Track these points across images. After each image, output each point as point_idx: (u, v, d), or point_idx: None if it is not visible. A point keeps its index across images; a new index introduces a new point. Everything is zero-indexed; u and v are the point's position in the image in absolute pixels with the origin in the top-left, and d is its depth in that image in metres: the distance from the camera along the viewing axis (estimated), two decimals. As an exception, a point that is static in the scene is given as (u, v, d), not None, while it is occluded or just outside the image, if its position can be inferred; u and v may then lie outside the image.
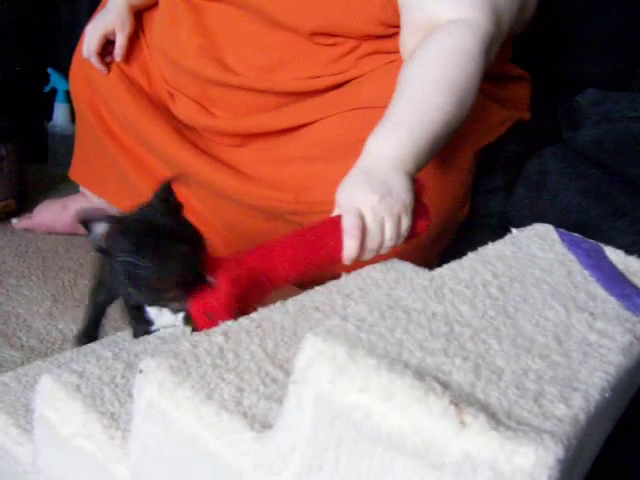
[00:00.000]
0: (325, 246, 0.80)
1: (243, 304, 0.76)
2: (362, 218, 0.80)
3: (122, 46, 1.32)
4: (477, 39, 0.94)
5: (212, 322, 0.73)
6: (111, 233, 0.75)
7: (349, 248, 0.79)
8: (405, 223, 0.83)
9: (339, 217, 0.80)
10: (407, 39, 1.02)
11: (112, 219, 0.75)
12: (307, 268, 0.80)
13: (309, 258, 0.80)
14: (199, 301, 0.76)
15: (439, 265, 0.66)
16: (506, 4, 1.00)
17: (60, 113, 1.87)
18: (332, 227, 0.80)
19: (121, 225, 0.75)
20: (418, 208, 0.86)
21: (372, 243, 0.81)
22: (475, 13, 0.96)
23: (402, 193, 0.83)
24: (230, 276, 0.75)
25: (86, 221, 0.75)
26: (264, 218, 1.19)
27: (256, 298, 0.77)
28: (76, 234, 1.55)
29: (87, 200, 1.56)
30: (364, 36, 1.07)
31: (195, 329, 0.77)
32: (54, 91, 1.86)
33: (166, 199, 0.79)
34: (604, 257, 0.73)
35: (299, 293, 0.82)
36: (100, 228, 0.75)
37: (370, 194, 0.81)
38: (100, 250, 0.76)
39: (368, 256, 0.83)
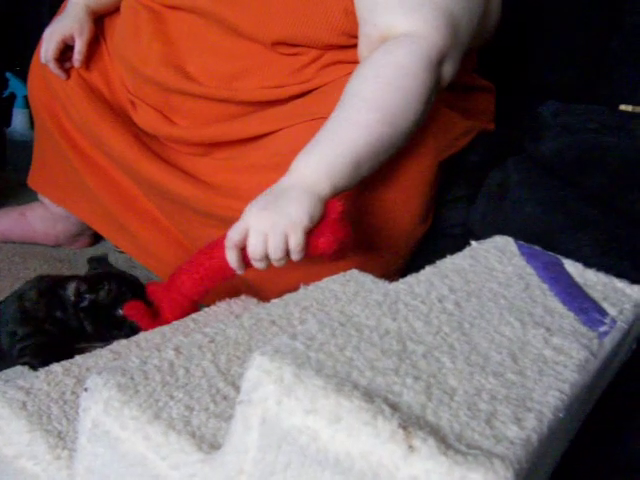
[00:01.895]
0: (215, 258, 0.90)
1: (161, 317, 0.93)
2: (246, 233, 0.88)
3: (81, 52, 1.29)
4: (420, 54, 0.94)
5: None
6: None
7: (228, 259, 0.88)
8: (294, 240, 0.87)
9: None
10: (363, 52, 1.01)
11: None
12: (204, 280, 0.91)
13: (203, 271, 0.91)
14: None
15: (402, 276, 0.66)
16: (463, 16, 1.00)
17: (19, 119, 1.84)
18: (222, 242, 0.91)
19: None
20: (325, 226, 0.90)
21: (254, 255, 0.88)
22: (425, 27, 0.95)
23: (293, 212, 0.87)
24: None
25: None
26: (226, 227, 1.17)
27: (173, 310, 0.93)
28: (34, 243, 1.52)
29: (46, 208, 1.52)
30: (327, 46, 1.06)
31: None
32: (13, 96, 1.83)
33: None
34: (563, 270, 0.72)
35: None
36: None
37: (258, 212, 0.88)
38: None
39: (259, 266, 0.90)
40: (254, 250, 0.87)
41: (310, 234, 0.89)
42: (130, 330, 0.96)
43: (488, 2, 1.11)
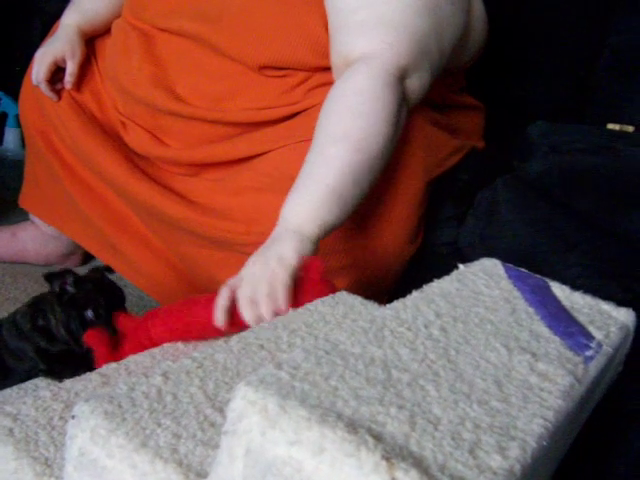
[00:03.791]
0: (194, 317, 0.86)
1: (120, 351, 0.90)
2: (239, 282, 0.85)
3: (72, 74, 1.30)
4: (375, 74, 0.95)
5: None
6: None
7: (217, 304, 0.82)
8: (281, 276, 0.84)
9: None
10: (335, 78, 1.03)
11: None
12: (177, 335, 0.87)
13: (180, 327, 0.87)
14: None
15: (390, 297, 0.66)
16: (430, 31, 1.01)
17: (11, 138, 1.84)
18: (211, 300, 0.85)
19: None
20: (308, 287, 0.87)
21: (242, 297, 0.83)
22: (380, 46, 0.97)
23: (281, 252, 0.86)
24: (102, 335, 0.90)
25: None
26: (216, 248, 1.17)
27: (134, 349, 0.88)
28: (25, 263, 1.52)
29: (37, 228, 1.52)
30: (313, 68, 1.07)
31: None
32: (4, 115, 1.83)
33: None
34: (549, 293, 0.73)
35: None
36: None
37: (251, 262, 0.87)
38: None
39: (247, 316, 0.83)
40: (242, 292, 0.83)
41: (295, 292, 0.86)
42: None
43: (470, 23, 1.12)
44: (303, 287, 0.86)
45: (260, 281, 0.83)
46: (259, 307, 0.82)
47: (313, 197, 0.91)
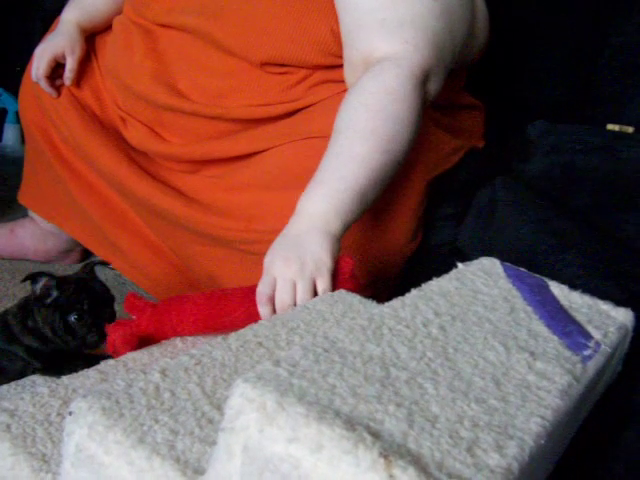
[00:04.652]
0: (230, 315, 0.85)
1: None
2: (274, 284, 0.84)
3: (72, 70, 1.30)
4: (404, 76, 0.95)
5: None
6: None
7: (262, 314, 0.83)
8: (322, 283, 0.85)
9: (251, 287, 0.86)
10: (348, 75, 1.02)
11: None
12: (210, 330, 0.87)
13: (212, 322, 0.86)
14: (110, 338, 0.87)
15: (390, 295, 0.67)
16: (445, 34, 1.00)
17: (10, 134, 1.84)
18: (243, 296, 0.86)
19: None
20: (340, 283, 0.88)
21: (283, 305, 0.84)
22: (405, 48, 0.96)
23: (317, 256, 0.86)
24: (125, 327, 0.86)
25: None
26: (216, 246, 1.17)
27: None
28: (23, 259, 1.51)
29: (36, 224, 1.52)
30: (315, 66, 1.07)
31: None
32: (4, 111, 1.83)
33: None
34: (548, 293, 0.73)
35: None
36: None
37: (282, 261, 0.85)
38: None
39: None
40: (284, 299, 0.84)
41: None
42: (82, 341, 0.94)
43: (474, 24, 1.12)
44: (333, 284, 0.87)
45: (301, 291, 0.84)
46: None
47: (341, 195, 0.90)
